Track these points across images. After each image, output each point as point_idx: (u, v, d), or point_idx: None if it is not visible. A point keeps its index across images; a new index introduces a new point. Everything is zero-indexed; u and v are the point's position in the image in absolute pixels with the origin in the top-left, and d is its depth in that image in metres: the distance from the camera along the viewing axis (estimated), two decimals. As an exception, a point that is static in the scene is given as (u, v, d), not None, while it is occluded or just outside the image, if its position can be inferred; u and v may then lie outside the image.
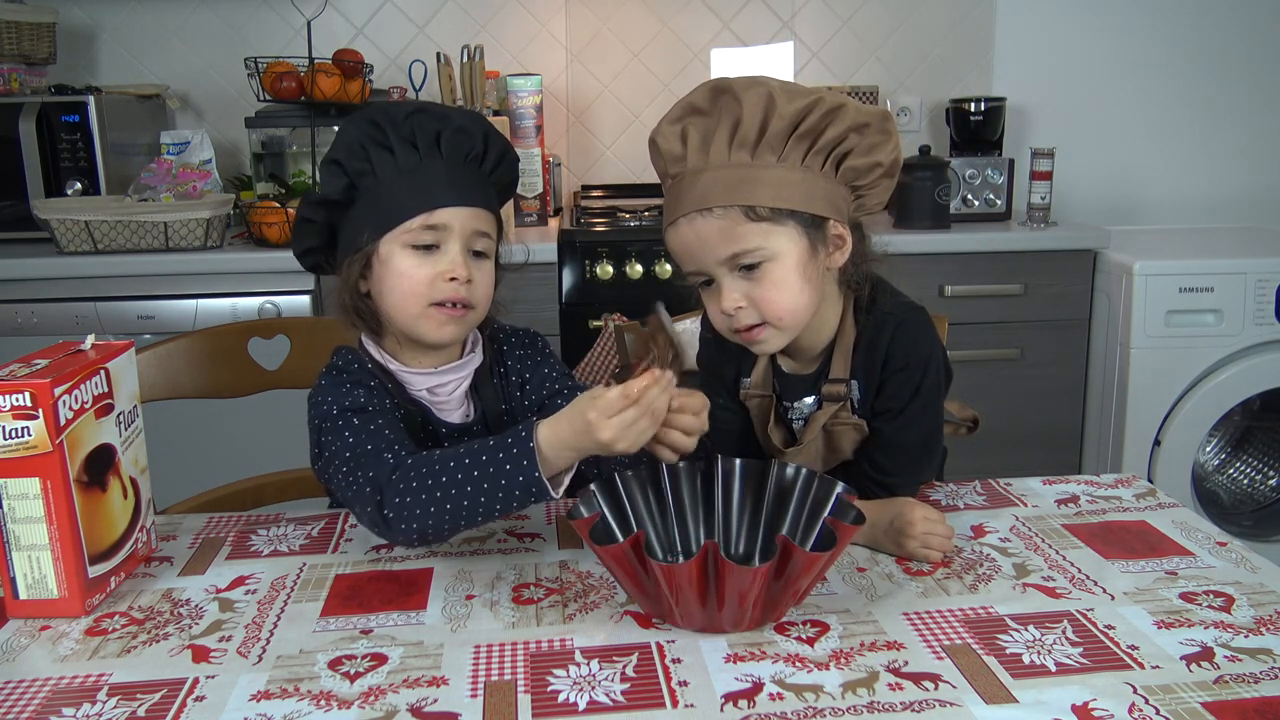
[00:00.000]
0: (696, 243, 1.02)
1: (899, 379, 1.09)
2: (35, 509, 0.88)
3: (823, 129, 1.00)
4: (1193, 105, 2.90)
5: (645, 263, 2.25)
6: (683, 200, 1.02)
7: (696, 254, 1.03)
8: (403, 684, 0.79)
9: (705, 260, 1.03)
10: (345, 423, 1.03)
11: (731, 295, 1.03)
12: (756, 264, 1.02)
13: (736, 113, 0.99)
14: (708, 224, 1.01)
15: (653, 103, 2.83)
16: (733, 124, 1.00)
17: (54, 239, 2.17)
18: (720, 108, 1.00)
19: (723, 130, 1.00)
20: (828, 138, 1.00)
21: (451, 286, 1.06)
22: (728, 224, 1.00)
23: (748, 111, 0.98)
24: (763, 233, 1.00)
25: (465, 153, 1.08)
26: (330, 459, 1.03)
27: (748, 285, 1.03)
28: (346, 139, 1.07)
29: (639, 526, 0.96)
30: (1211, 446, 2.59)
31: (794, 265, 1.02)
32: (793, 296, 1.03)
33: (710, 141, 1.01)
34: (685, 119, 1.03)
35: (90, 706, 0.77)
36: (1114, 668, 0.81)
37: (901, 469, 1.11)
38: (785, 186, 1.00)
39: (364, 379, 1.08)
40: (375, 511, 0.96)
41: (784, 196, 1.00)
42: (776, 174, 1.00)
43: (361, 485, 0.98)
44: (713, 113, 1.01)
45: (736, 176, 1.00)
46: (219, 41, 2.69)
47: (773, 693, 0.78)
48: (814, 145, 1.00)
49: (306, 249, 1.13)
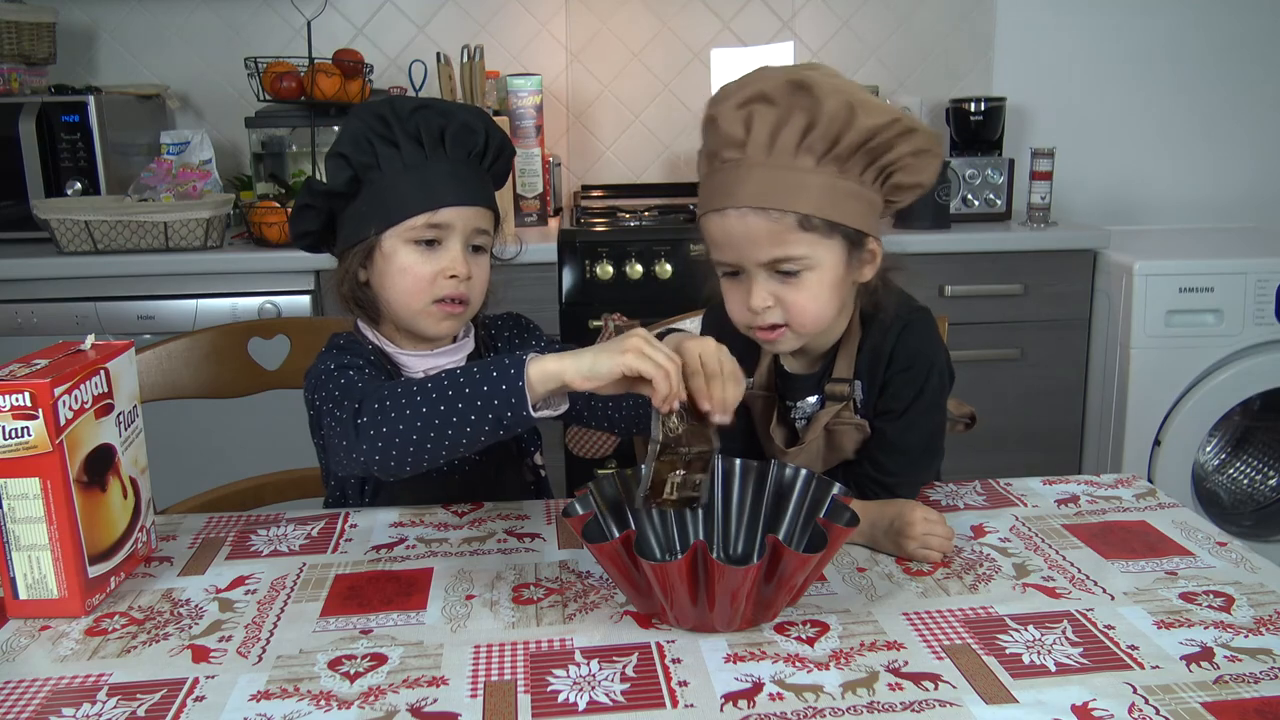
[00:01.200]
0: (743, 238, 1.00)
1: (902, 379, 1.08)
2: (35, 509, 0.88)
3: (890, 148, 0.98)
4: (1193, 105, 2.90)
5: (645, 263, 2.25)
6: (736, 191, 0.98)
7: (739, 248, 1.01)
8: (403, 684, 0.79)
9: (745, 256, 1.01)
10: (340, 373, 1.05)
11: (762, 295, 1.02)
12: (796, 271, 1.00)
13: (812, 115, 0.96)
14: (760, 223, 0.98)
15: (653, 102, 2.84)
16: (805, 125, 0.96)
17: (54, 239, 2.17)
18: (795, 104, 0.96)
19: (792, 129, 0.96)
20: (890, 157, 0.98)
21: (452, 284, 1.10)
22: (780, 228, 0.98)
23: (826, 117, 0.95)
24: (810, 242, 0.99)
25: (469, 150, 1.11)
26: (321, 407, 1.05)
27: (780, 288, 1.02)
28: (352, 132, 1.08)
29: (637, 526, 0.97)
30: (1211, 446, 2.59)
31: (830, 277, 1.02)
32: (822, 306, 1.03)
33: (777, 137, 0.97)
34: (753, 105, 0.98)
35: (90, 706, 0.77)
36: (1114, 668, 0.81)
37: (902, 469, 1.11)
38: (842, 200, 0.99)
39: (364, 355, 1.11)
40: (350, 420, 0.94)
41: (840, 210, 0.99)
42: (836, 185, 0.98)
43: (346, 406, 0.97)
44: (785, 107, 0.96)
45: (797, 181, 0.97)
46: (219, 41, 2.69)
47: (773, 693, 0.78)
48: (875, 162, 0.99)
49: (304, 232, 1.14)
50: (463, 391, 0.91)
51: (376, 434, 0.92)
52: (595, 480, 0.95)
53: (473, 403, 0.90)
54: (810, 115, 0.95)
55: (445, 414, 0.91)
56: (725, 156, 1.00)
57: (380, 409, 0.93)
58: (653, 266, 2.25)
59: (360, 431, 0.93)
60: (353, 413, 0.94)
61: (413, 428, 0.91)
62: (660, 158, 2.88)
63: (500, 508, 1.14)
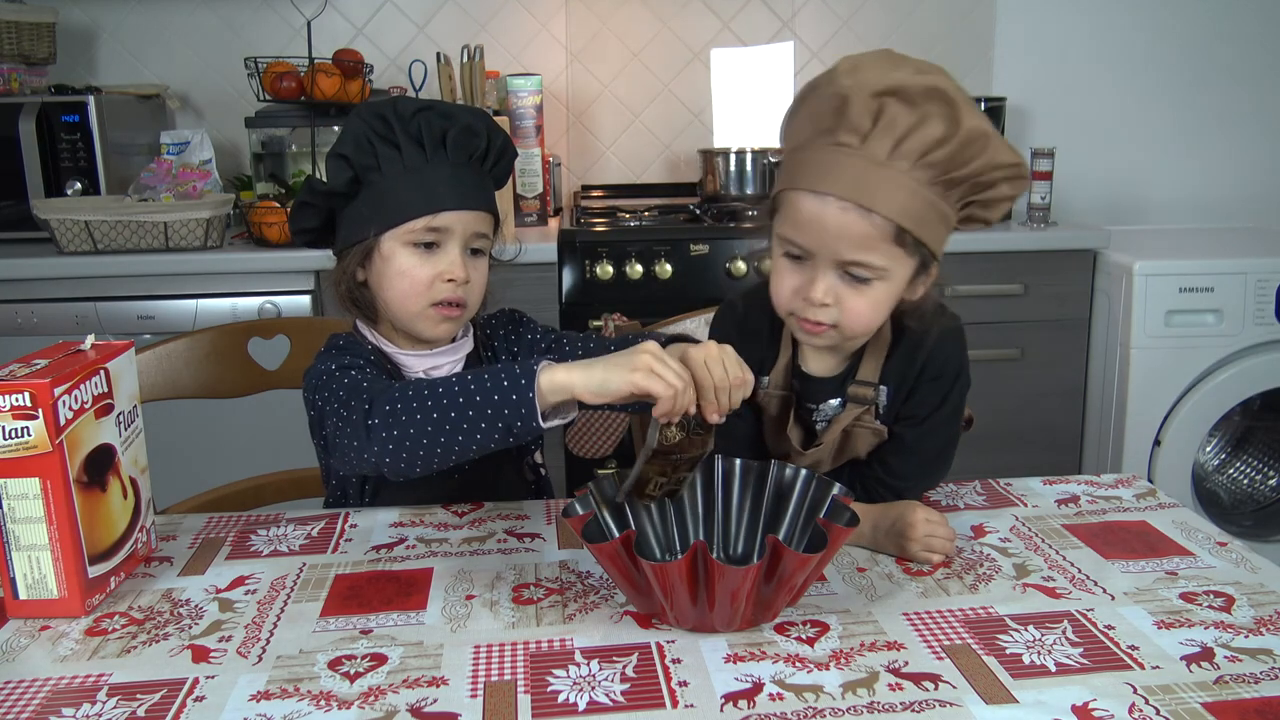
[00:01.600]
0: (835, 230, 0.95)
1: (930, 388, 1.08)
2: (35, 509, 0.88)
3: (994, 185, 0.96)
4: (1193, 105, 2.90)
5: (645, 263, 2.25)
6: (845, 178, 0.93)
7: (823, 238, 0.96)
8: (403, 684, 0.79)
9: (825, 247, 0.97)
10: (343, 374, 1.05)
11: (824, 290, 0.98)
12: (867, 279, 0.98)
13: (946, 131, 0.92)
14: (858, 223, 0.94)
15: (653, 102, 2.84)
16: (936, 138, 0.92)
17: (54, 239, 2.17)
18: (930, 113, 0.92)
19: (921, 138, 0.92)
20: (990, 195, 0.97)
21: (450, 287, 1.10)
22: (875, 235, 0.95)
23: (961, 141, 0.92)
24: (894, 256, 0.97)
25: (470, 153, 1.10)
26: (324, 408, 1.04)
27: (844, 289, 0.99)
28: (354, 133, 1.08)
29: (638, 526, 0.97)
30: (1211, 446, 2.59)
31: (895, 291, 1.00)
32: (876, 316, 1.01)
33: (903, 142, 0.92)
34: (890, 99, 0.92)
35: (90, 706, 0.77)
36: (1114, 668, 0.81)
37: (914, 474, 1.10)
38: (935, 221, 0.96)
39: (363, 355, 1.11)
40: (360, 421, 0.94)
41: (930, 231, 0.97)
42: (935, 205, 0.95)
43: (354, 407, 0.97)
44: (920, 111, 0.92)
45: (908, 193, 0.93)
46: (219, 41, 2.69)
47: (773, 693, 0.78)
48: (975, 194, 0.97)
49: (303, 228, 1.15)
50: (474, 399, 0.91)
51: (388, 436, 0.93)
52: (595, 480, 0.95)
53: (483, 410, 0.90)
54: (942, 131, 0.92)
55: (456, 420, 0.91)
56: (842, 140, 0.94)
57: (391, 411, 0.93)
58: (653, 266, 2.25)
59: (372, 433, 0.93)
60: (363, 414, 0.94)
61: (424, 432, 0.92)
62: (660, 158, 2.88)
63: (500, 508, 1.14)
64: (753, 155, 2.63)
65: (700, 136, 2.86)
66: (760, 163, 2.63)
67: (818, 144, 0.96)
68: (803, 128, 0.98)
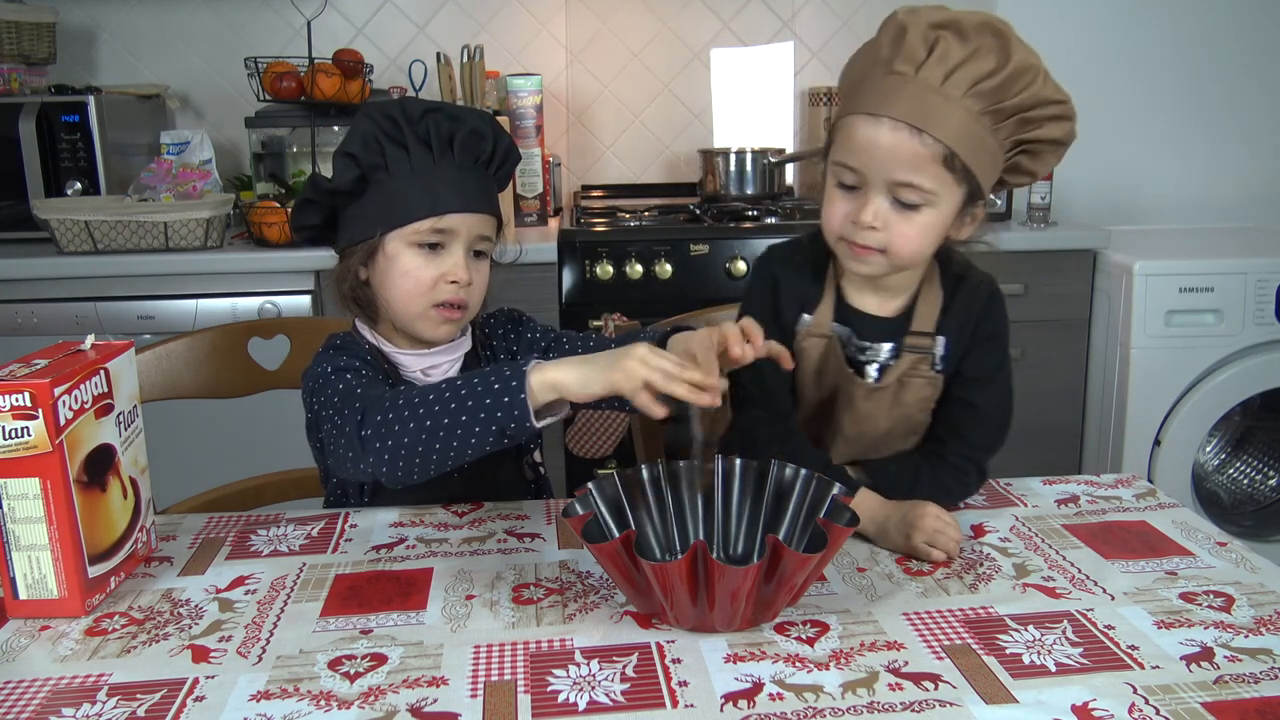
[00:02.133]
0: (887, 151, 0.99)
1: (989, 346, 1.11)
2: (35, 509, 0.88)
3: (1040, 125, 1.00)
4: (1193, 105, 2.90)
5: (645, 263, 2.25)
6: (898, 104, 0.98)
7: (876, 158, 1.00)
8: (403, 684, 0.79)
9: (877, 167, 1.00)
10: (338, 377, 1.05)
11: (873, 213, 1.02)
12: (916, 205, 1.01)
13: (997, 63, 0.97)
14: (908, 143, 0.98)
15: (653, 102, 2.84)
16: (987, 70, 0.97)
17: (54, 239, 2.17)
18: (983, 46, 0.97)
19: (973, 67, 0.97)
20: (1037, 134, 1.00)
21: (452, 289, 1.10)
22: (925, 155, 0.98)
23: (1010, 73, 0.96)
24: (943, 180, 1.00)
25: (476, 156, 1.11)
26: (319, 412, 1.05)
27: (891, 213, 1.02)
28: (362, 132, 1.09)
29: (637, 526, 0.97)
30: (1211, 446, 2.59)
31: (942, 220, 1.03)
32: (923, 244, 1.04)
33: (955, 71, 0.97)
34: (944, 31, 0.98)
35: (90, 706, 0.77)
36: (1114, 668, 0.81)
37: (990, 442, 1.14)
38: (984, 152, 1.00)
39: (360, 355, 1.12)
40: (354, 432, 0.96)
41: (979, 161, 1.00)
42: (985, 138, 0.99)
43: (347, 416, 0.98)
44: (973, 44, 0.97)
45: (959, 120, 0.97)
46: (219, 41, 2.69)
47: (773, 693, 0.78)
48: (1022, 132, 1.00)
49: (305, 225, 1.15)
50: (465, 403, 0.92)
51: (382, 446, 0.94)
52: (595, 480, 0.95)
53: (475, 414, 0.91)
54: (994, 63, 0.96)
55: (449, 426, 0.92)
56: (897, 68, 0.99)
57: (383, 420, 0.94)
58: (653, 266, 2.25)
59: (365, 444, 0.95)
60: (356, 424, 0.95)
61: (417, 439, 0.93)
62: (660, 158, 2.88)
63: (500, 508, 1.14)
64: (753, 155, 2.63)
65: (700, 136, 2.86)
66: (760, 163, 2.63)
67: (875, 73, 1.01)
68: (860, 63, 1.04)
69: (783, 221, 2.39)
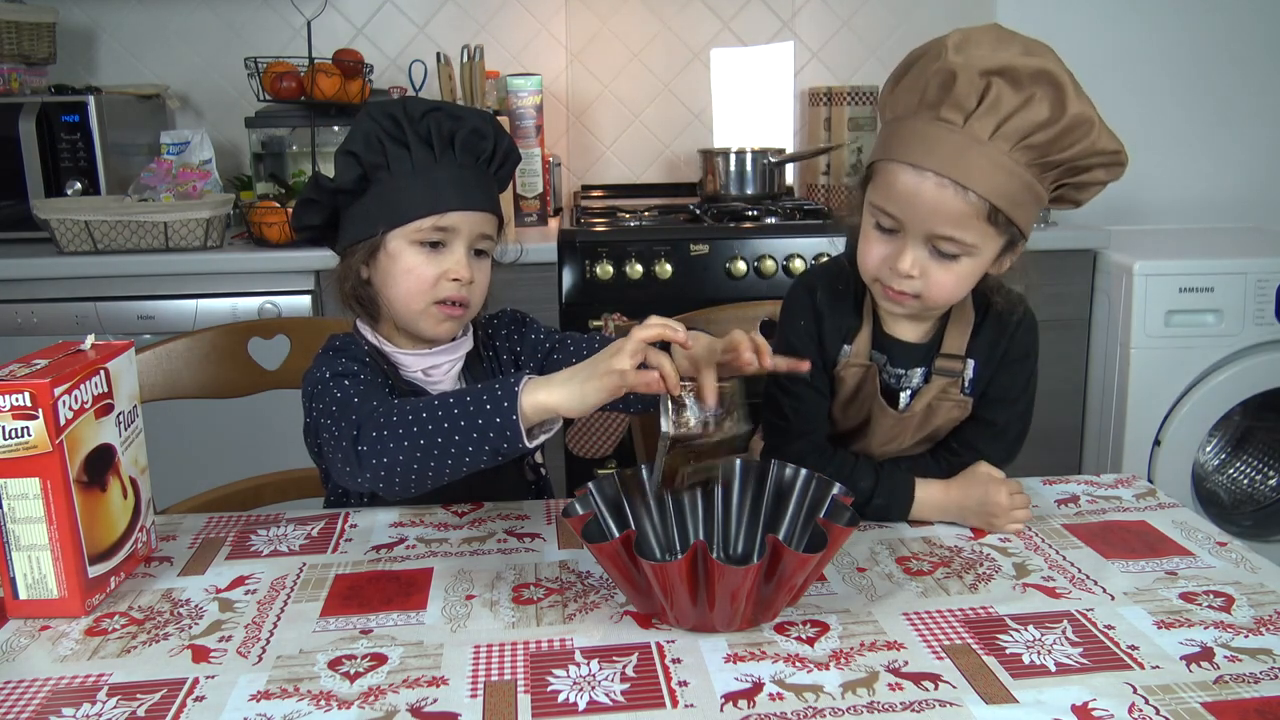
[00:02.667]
0: (930, 205, 0.96)
1: (1015, 369, 1.11)
2: (35, 509, 0.88)
3: (1086, 170, 0.96)
4: (1193, 105, 2.90)
5: (645, 263, 2.25)
6: (944, 155, 0.93)
7: (918, 210, 0.97)
8: (403, 684, 0.79)
9: (917, 219, 0.97)
10: (336, 384, 1.06)
11: (912, 261, 0.99)
12: (956, 255, 0.99)
13: (1051, 115, 0.92)
14: (953, 200, 0.95)
15: (653, 103, 2.84)
16: (1040, 121, 0.92)
17: (54, 239, 2.17)
18: (1036, 96, 0.92)
19: (1024, 118, 0.92)
20: (1084, 178, 0.97)
21: (454, 286, 1.11)
22: (969, 212, 0.95)
23: (1064, 127, 0.92)
24: (985, 234, 0.98)
25: (477, 155, 1.12)
26: (318, 419, 1.05)
27: (929, 262, 1.00)
28: (364, 131, 1.09)
29: (637, 526, 0.97)
30: (1211, 446, 2.59)
31: (981, 266, 1.02)
32: (960, 290, 1.03)
33: (1006, 123, 0.92)
34: (995, 78, 0.92)
35: (90, 706, 0.77)
36: (1114, 668, 0.81)
37: (1002, 457, 1.13)
38: (1029, 201, 0.97)
39: (359, 357, 1.12)
40: (350, 447, 0.96)
41: (1023, 211, 0.97)
42: (1031, 186, 0.96)
43: (344, 429, 0.98)
44: (1026, 93, 0.92)
45: (1006, 175, 0.93)
46: (219, 41, 2.69)
47: (773, 693, 0.78)
48: (1070, 177, 0.97)
49: (306, 225, 1.15)
50: (458, 423, 0.92)
51: (378, 463, 0.95)
52: (595, 480, 0.95)
53: (469, 434, 0.92)
54: (1046, 114, 0.92)
55: (443, 445, 0.93)
56: (944, 115, 0.94)
57: (378, 437, 0.95)
58: (653, 266, 2.25)
59: (362, 460, 0.96)
60: (352, 439, 0.96)
61: (412, 457, 0.94)
62: (660, 158, 2.88)
63: (500, 508, 1.14)
64: (753, 155, 2.63)
65: (700, 136, 2.86)
66: (760, 163, 2.63)
67: (920, 117, 0.96)
68: (905, 99, 0.98)
69: (783, 221, 2.39)
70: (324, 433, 1.03)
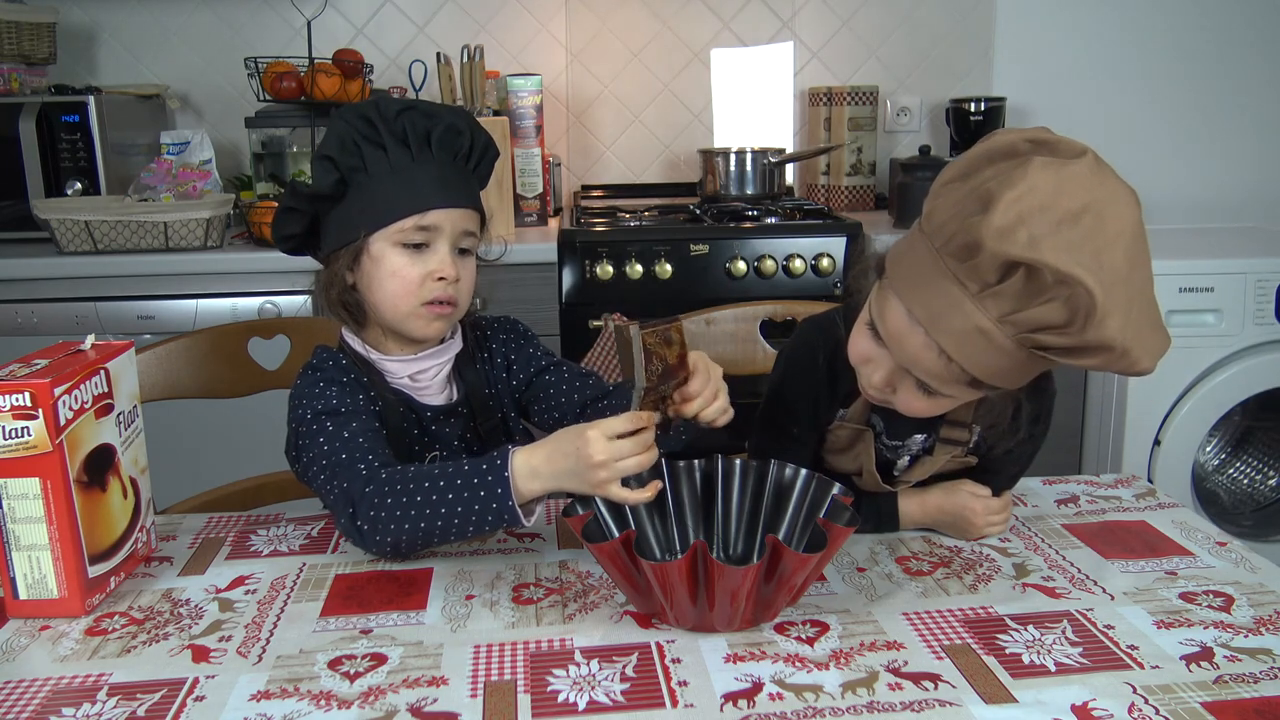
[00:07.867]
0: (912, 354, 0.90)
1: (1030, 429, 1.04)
2: (35, 509, 0.88)
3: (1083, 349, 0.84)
4: (1193, 105, 2.90)
5: (645, 263, 2.25)
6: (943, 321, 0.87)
7: (902, 349, 0.91)
8: (403, 684, 0.79)
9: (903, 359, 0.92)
10: (320, 427, 1.05)
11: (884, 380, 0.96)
12: (934, 392, 0.93)
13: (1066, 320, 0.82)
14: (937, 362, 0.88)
15: (653, 102, 2.84)
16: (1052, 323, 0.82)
17: (54, 239, 2.17)
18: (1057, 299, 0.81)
19: (1036, 316, 0.82)
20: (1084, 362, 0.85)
21: (440, 286, 1.09)
22: (949, 376, 0.90)
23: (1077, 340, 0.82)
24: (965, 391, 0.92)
25: (455, 152, 1.11)
26: (308, 465, 1.06)
27: (906, 382, 0.94)
28: (339, 135, 1.08)
29: (637, 526, 0.97)
30: (1211, 446, 2.59)
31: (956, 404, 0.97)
32: (933, 413, 0.98)
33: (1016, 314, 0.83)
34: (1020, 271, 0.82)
35: (90, 706, 0.77)
36: (1114, 668, 0.81)
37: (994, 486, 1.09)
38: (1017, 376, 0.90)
39: (339, 377, 1.11)
40: (349, 523, 0.98)
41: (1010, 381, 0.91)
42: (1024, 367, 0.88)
43: (338, 496, 1.00)
44: (1048, 296, 0.82)
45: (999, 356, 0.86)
46: (219, 41, 2.69)
47: (772, 693, 0.78)
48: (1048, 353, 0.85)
49: (287, 235, 1.15)
50: (455, 509, 0.95)
51: (381, 540, 0.97)
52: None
53: (468, 517, 0.95)
54: (1066, 318, 0.82)
55: (444, 526, 0.95)
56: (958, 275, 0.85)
57: (376, 517, 0.96)
58: (653, 266, 2.25)
59: (364, 536, 0.98)
60: (349, 516, 0.98)
61: (415, 535, 0.97)
62: (660, 158, 2.88)
63: (500, 508, 1.14)
64: (753, 155, 2.63)
65: (700, 136, 2.86)
66: (760, 163, 2.63)
67: (942, 263, 0.87)
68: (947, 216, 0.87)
69: (782, 221, 2.39)
70: (316, 481, 1.05)
